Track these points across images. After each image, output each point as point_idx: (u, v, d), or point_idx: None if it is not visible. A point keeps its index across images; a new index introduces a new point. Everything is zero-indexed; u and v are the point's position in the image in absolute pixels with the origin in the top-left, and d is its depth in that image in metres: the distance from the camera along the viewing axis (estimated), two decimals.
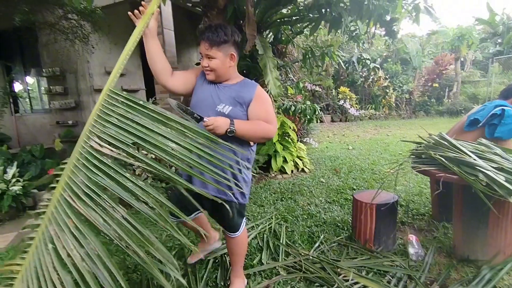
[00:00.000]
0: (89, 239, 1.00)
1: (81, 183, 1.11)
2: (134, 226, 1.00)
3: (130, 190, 1.05)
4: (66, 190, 1.12)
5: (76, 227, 1.03)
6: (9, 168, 3.27)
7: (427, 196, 3.21)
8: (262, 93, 1.53)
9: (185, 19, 6.49)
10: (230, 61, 1.50)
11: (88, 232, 1.02)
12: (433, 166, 1.99)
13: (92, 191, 1.08)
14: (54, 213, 1.11)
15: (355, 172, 4.29)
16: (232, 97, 1.49)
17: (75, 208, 1.07)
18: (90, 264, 0.96)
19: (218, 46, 1.44)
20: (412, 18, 3.33)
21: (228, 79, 1.55)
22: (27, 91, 6.39)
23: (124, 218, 1.01)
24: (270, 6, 3.63)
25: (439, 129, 2.49)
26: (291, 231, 2.56)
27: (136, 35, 1.33)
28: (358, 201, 2.25)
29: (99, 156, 1.13)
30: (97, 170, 1.11)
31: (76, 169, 1.15)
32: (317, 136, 7.97)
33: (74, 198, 1.09)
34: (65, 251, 1.00)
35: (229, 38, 1.46)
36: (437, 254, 2.14)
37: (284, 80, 5.60)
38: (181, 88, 1.57)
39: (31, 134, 6.00)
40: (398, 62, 13.10)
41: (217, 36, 1.43)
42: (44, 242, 1.07)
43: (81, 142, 1.18)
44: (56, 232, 1.06)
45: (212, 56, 1.45)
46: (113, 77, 1.27)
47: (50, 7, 4.24)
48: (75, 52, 4.92)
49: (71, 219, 1.05)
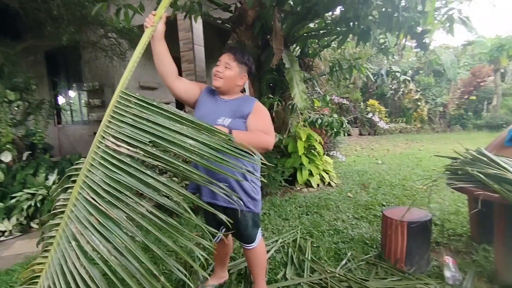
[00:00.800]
0: (115, 234, 1.02)
1: (100, 181, 1.13)
2: (159, 217, 1.01)
3: (152, 185, 1.06)
4: (84, 188, 1.15)
5: (100, 223, 1.05)
6: (50, 175, 3.52)
7: (465, 215, 3.00)
8: (260, 106, 1.62)
9: (214, 35, 6.75)
10: (241, 80, 1.64)
11: (113, 227, 1.04)
12: (471, 183, 1.88)
13: (112, 188, 1.10)
14: (74, 211, 1.14)
15: (385, 188, 4.12)
16: (232, 110, 1.58)
17: (95, 205, 1.09)
18: (119, 257, 0.98)
19: (239, 63, 1.60)
20: (446, 29, 3.21)
21: (230, 94, 1.65)
22: (69, 104, 6.91)
23: (148, 212, 1.02)
24: (297, 21, 3.68)
25: (477, 144, 2.35)
26: (317, 246, 2.49)
27: (144, 41, 1.37)
28: (388, 217, 2.15)
29: (116, 154, 1.14)
30: (115, 168, 1.12)
31: (93, 168, 1.17)
32: (345, 149, 7.80)
33: (94, 196, 1.11)
34: (90, 246, 1.03)
35: (249, 64, 1.65)
36: (477, 279, 1.97)
37: (311, 93, 5.59)
38: (182, 92, 1.64)
39: (71, 144, 6.44)
40: (431, 74, 12.61)
41: (242, 56, 1.62)
42: (66, 239, 1.10)
43: (96, 143, 1.21)
44: (79, 229, 1.08)
45: (230, 67, 1.59)
46: (124, 79, 1.31)
47: (93, 28, 4.61)
48: (113, 67, 5.28)
49: (94, 216, 1.07)
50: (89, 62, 5.53)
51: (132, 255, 0.98)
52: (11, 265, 2.42)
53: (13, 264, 2.45)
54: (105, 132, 1.21)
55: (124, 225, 1.03)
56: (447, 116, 12.01)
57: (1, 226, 3.02)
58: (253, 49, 3.87)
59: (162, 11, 1.41)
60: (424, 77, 12.44)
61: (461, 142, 3.22)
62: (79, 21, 4.27)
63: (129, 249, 0.99)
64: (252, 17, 3.65)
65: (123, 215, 1.05)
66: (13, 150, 3.68)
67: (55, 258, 1.11)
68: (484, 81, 11.97)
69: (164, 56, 1.53)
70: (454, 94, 12.52)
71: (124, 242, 1.00)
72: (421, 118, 11.72)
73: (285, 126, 4.29)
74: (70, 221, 1.14)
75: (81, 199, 1.15)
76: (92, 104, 5.74)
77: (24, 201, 3.16)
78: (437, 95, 12.06)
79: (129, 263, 0.97)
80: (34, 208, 3.17)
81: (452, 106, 12.14)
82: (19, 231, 3.11)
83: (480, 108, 11.83)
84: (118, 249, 1.00)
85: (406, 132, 11.38)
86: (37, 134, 3.93)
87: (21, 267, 2.36)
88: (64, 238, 1.12)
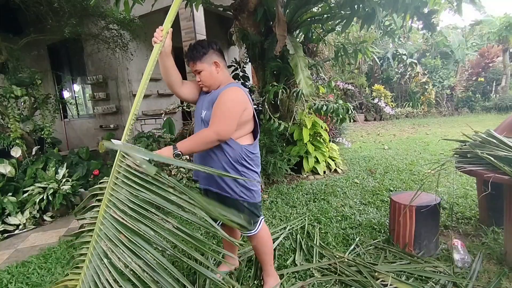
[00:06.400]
0: (145, 251, 1.06)
1: (125, 199, 1.17)
2: (186, 233, 1.06)
3: (176, 203, 1.10)
4: (110, 207, 1.20)
5: (130, 241, 1.09)
6: (60, 169, 3.57)
7: (473, 198, 2.98)
8: (224, 94, 1.52)
9: (216, 24, 6.65)
10: (217, 68, 1.60)
11: (143, 243, 1.08)
12: (480, 166, 1.85)
13: (138, 205, 1.14)
14: (102, 229, 1.19)
15: (392, 173, 4.10)
16: (208, 101, 1.60)
17: (123, 223, 1.13)
18: (152, 273, 1.03)
19: (200, 60, 1.57)
20: (453, 9, 3.12)
21: (219, 85, 1.63)
22: (74, 98, 6.95)
23: (175, 228, 1.07)
24: (300, 6, 3.60)
25: (486, 127, 2.31)
26: (325, 232, 2.51)
27: (154, 57, 1.44)
28: (396, 202, 2.15)
29: (138, 173, 1.18)
30: (138, 186, 1.17)
31: (117, 187, 1.22)
32: (350, 136, 7.74)
33: (121, 214, 1.15)
34: (122, 263, 1.08)
35: (207, 49, 1.58)
36: (486, 261, 1.98)
37: (316, 80, 5.52)
38: (190, 96, 1.72)
39: (78, 137, 6.51)
40: (438, 56, 12.31)
41: (196, 52, 1.57)
42: (98, 257, 1.15)
43: (117, 162, 1.26)
44: (109, 246, 1.13)
45: (199, 70, 1.58)
46: (136, 101, 1.37)
47: (94, 20, 4.58)
48: (116, 60, 5.26)
49: (123, 234, 1.11)
50: (92, 54, 5.51)
51: (163, 269, 1.03)
52: (27, 257, 2.50)
53: (28, 256, 2.52)
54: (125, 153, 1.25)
55: (153, 240, 1.07)
56: (454, 99, 11.78)
57: (15, 220, 3.09)
58: (256, 36, 3.82)
59: (169, 26, 1.46)
60: (431, 60, 12.15)
61: (469, 124, 3.17)
62: (80, 13, 4.23)
63: (160, 263, 1.03)
64: (254, 3, 3.58)
65: (150, 231, 1.09)
66: (23, 145, 3.73)
67: (88, 275, 1.15)
68: (493, 61, 11.64)
69: (172, 69, 1.60)
70: (461, 76, 12.23)
71: (155, 257, 1.04)
72: (429, 101, 11.52)
73: (290, 113, 4.26)
74: (100, 239, 1.18)
75: (108, 217, 1.19)
76: (96, 98, 5.76)
77: (36, 195, 3.23)
78: (444, 78, 11.80)
79: (161, 278, 1.01)
80: (46, 201, 3.24)
81: (459, 89, 11.88)
82: (33, 224, 3.19)
83: (489, 89, 11.56)
84: (150, 265, 1.04)
85: (413, 116, 11.23)
86: (45, 129, 3.96)
87: (37, 259, 2.43)
88: (95, 255, 1.17)
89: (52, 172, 3.48)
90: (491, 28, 11.76)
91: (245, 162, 1.59)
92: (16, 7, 4.06)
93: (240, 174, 1.59)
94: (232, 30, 4.45)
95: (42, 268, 2.28)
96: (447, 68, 12.24)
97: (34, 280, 2.12)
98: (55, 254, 2.48)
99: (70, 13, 4.00)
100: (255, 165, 1.65)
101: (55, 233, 3.00)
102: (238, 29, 3.94)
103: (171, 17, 1.45)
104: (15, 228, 3.09)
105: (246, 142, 1.61)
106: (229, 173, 1.56)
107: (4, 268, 2.33)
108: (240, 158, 1.58)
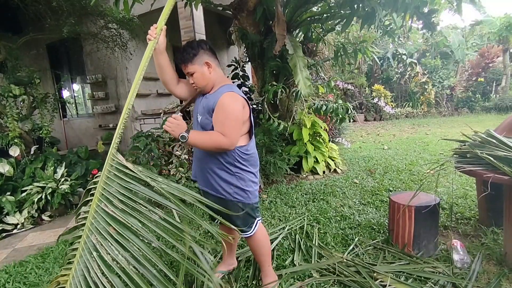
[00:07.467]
0: (132, 242, 1.06)
1: (116, 192, 1.19)
2: (172, 224, 1.05)
3: (164, 192, 1.10)
4: (102, 200, 1.20)
5: (118, 233, 1.10)
6: (58, 169, 3.56)
7: (473, 198, 2.97)
8: (223, 102, 1.47)
9: (216, 23, 6.64)
10: (209, 68, 1.57)
11: (130, 235, 1.08)
12: (480, 166, 1.84)
13: (126, 197, 1.15)
14: (93, 223, 1.19)
15: (391, 173, 4.09)
16: (203, 107, 1.59)
17: (112, 215, 1.14)
18: (137, 265, 1.02)
19: (191, 61, 1.54)
20: (453, 9, 3.11)
21: (213, 86, 1.61)
22: (73, 97, 6.93)
23: (162, 219, 1.07)
24: (300, 5, 3.59)
25: (485, 127, 2.30)
26: (324, 232, 2.50)
27: (147, 54, 1.44)
28: (395, 202, 2.15)
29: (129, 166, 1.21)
30: (129, 178, 1.18)
31: (109, 181, 1.23)
32: (350, 136, 7.74)
33: (110, 207, 1.16)
34: (110, 256, 1.08)
35: (197, 50, 1.55)
36: (486, 262, 1.97)
37: (315, 79, 5.52)
38: (186, 95, 1.73)
39: (77, 137, 6.49)
40: (438, 56, 12.30)
41: (186, 54, 1.55)
42: (88, 251, 1.15)
43: (111, 156, 1.28)
44: (99, 240, 1.13)
45: (191, 72, 1.56)
46: (128, 100, 1.38)
47: (93, 19, 4.57)
48: (115, 59, 5.25)
49: (112, 226, 1.12)
50: (91, 54, 5.50)
51: (149, 261, 1.02)
52: (25, 257, 2.49)
53: (26, 255, 2.51)
54: (117, 147, 1.29)
55: (140, 232, 1.07)
56: (454, 99, 11.77)
57: (13, 219, 3.08)
58: (255, 36, 3.81)
59: (163, 23, 1.45)
60: (430, 60, 12.14)
61: (469, 125, 3.17)
62: (79, 12, 4.22)
63: (146, 256, 1.03)
64: (254, 2, 3.57)
65: (138, 223, 1.09)
66: (21, 144, 3.72)
67: (78, 269, 1.15)
68: (493, 61, 11.63)
69: (166, 67, 1.61)
70: (461, 76, 12.22)
71: (141, 249, 1.04)
72: (428, 101, 11.51)
73: (289, 113, 4.25)
74: (90, 233, 1.18)
75: (100, 211, 1.19)
76: (96, 97, 5.75)
77: (35, 194, 3.22)
78: (444, 78, 11.79)
79: (146, 271, 1.01)
80: (45, 201, 3.22)
81: (459, 89, 11.87)
82: (31, 224, 3.18)
83: (489, 90, 11.55)
84: (136, 258, 1.04)
85: (412, 116, 11.22)
86: (44, 128, 3.95)
87: (34, 258, 2.42)
88: (86, 249, 1.17)
89: (51, 171, 3.47)
90: (491, 28, 11.75)
91: (238, 164, 1.58)
92: (15, 6, 4.05)
93: (235, 175, 1.58)
94: (232, 30, 4.44)
95: (40, 268, 2.27)
96: (447, 68, 12.23)
97: (31, 280, 2.11)
98: (53, 253, 2.48)
99: (69, 12, 3.99)
100: (251, 165, 1.64)
101: (53, 233, 2.99)
102: (238, 29, 3.93)
103: (165, 14, 1.44)
104: (13, 228, 3.08)
105: (240, 143, 1.59)
106: (222, 175, 1.57)
107: (1, 268, 2.33)
108: (233, 160, 1.57)
